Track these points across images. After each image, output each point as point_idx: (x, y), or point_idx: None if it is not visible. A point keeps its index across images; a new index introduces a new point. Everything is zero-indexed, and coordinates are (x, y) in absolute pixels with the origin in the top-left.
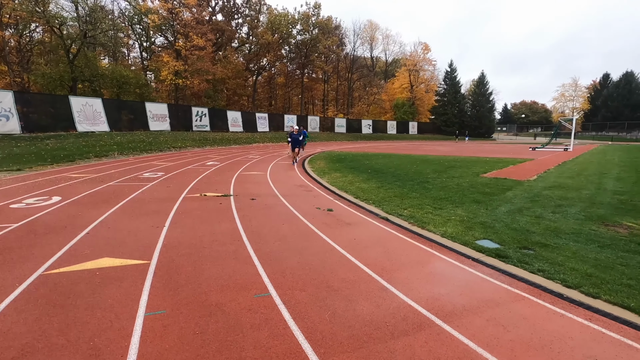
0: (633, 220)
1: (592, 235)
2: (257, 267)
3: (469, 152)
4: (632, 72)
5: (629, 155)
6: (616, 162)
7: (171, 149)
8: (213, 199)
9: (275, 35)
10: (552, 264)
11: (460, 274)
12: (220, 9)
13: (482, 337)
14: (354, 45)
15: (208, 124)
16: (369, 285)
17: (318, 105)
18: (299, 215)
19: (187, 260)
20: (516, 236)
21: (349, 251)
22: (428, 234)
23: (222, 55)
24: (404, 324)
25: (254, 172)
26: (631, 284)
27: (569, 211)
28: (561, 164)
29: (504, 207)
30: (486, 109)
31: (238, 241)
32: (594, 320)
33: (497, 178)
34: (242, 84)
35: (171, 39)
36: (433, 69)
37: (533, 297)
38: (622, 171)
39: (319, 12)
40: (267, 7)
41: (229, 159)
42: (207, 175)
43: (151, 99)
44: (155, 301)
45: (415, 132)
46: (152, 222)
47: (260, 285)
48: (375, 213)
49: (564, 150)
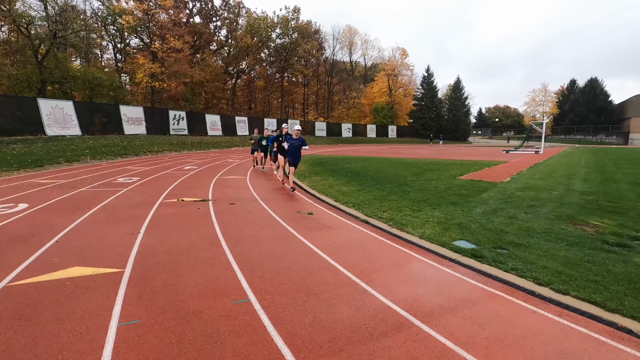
0: (599, 219)
1: (562, 234)
2: (236, 273)
3: (446, 155)
4: (596, 79)
5: (595, 157)
6: (583, 164)
7: (147, 153)
8: (191, 204)
9: (255, 39)
10: (525, 262)
11: (438, 274)
12: (198, 11)
13: (459, 335)
14: (334, 50)
15: (186, 128)
16: (349, 288)
17: (298, 109)
18: (279, 220)
19: (164, 267)
20: (491, 236)
21: (329, 254)
22: (407, 236)
23: (200, 58)
24: (383, 325)
25: (233, 176)
26: (597, 280)
27: (540, 211)
28: (533, 166)
29: (479, 209)
30: (462, 113)
31: (217, 247)
32: (564, 316)
33: (473, 180)
34: (221, 87)
35: (147, 41)
36: (411, 74)
37: (507, 295)
38: (589, 172)
39: (298, 16)
40: (246, 10)
41: (208, 163)
42: (184, 180)
43: (126, 102)
44: (129, 310)
45: (395, 135)
46: (126, 229)
47: (239, 291)
48: (355, 216)
49: (535, 153)
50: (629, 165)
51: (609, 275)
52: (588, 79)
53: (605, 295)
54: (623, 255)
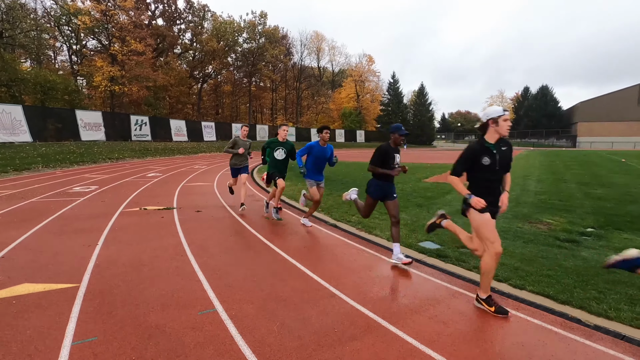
0: (551, 217)
1: (519, 232)
2: (202, 283)
3: (412, 158)
4: (547, 86)
5: (547, 160)
6: (537, 165)
7: (107, 160)
8: (154, 213)
9: (221, 43)
10: None
11: (404, 275)
12: (160, 13)
13: (425, 334)
14: (301, 55)
15: (149, 134)
16: (317, 293)
17: (267, 114)
18: (247, 226)
19: (123, 280)
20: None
21: (298, 260)
22: (375, 239)
23: (163, 62)
24: (352, 328)
25: (200, 183)
26: (550, 274)
27: None
28: None
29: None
30: (426, 118)
31: (181, 256)
32: (521, 310)
33: (438, 183)
34: (186, 91)
35: (106, 43)
36: (377, 80)
37: (469, 292)
38: (542, 174)
39: (265, 21)
40: (211, 14)
41: (173, 169)
42: (148, 188)
43: (83, 107)
44: (84, 328)
45: (363, 140)
46: (82, 241)
47: (205, 301)
48: (325, 220)
49: None
50: (576, 167)
51: (560, 270)
52: (540, 87)
53: (557, 289)
54: (572, 250)
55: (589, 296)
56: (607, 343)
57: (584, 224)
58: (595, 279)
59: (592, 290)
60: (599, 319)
